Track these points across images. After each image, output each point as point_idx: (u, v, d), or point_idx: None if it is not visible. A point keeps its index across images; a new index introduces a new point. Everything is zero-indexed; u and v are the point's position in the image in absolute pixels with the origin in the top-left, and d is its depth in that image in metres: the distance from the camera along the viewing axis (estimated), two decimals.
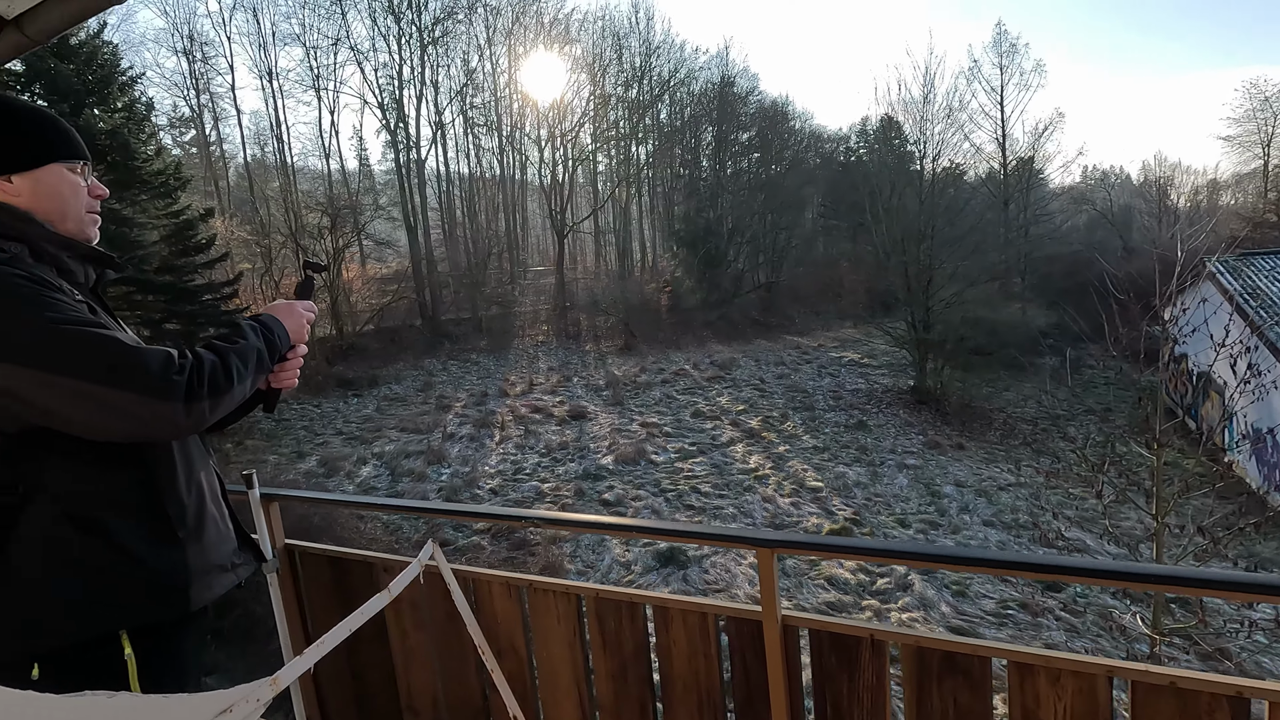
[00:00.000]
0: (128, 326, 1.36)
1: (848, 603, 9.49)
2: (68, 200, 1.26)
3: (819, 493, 13.45)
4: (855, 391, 20.39)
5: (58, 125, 1.29)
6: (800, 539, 1.39)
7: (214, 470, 1.41)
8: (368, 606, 1.34)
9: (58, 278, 1.19)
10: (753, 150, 38.76)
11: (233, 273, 19.56)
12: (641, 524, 1.54)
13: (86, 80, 14.12)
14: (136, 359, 1.07)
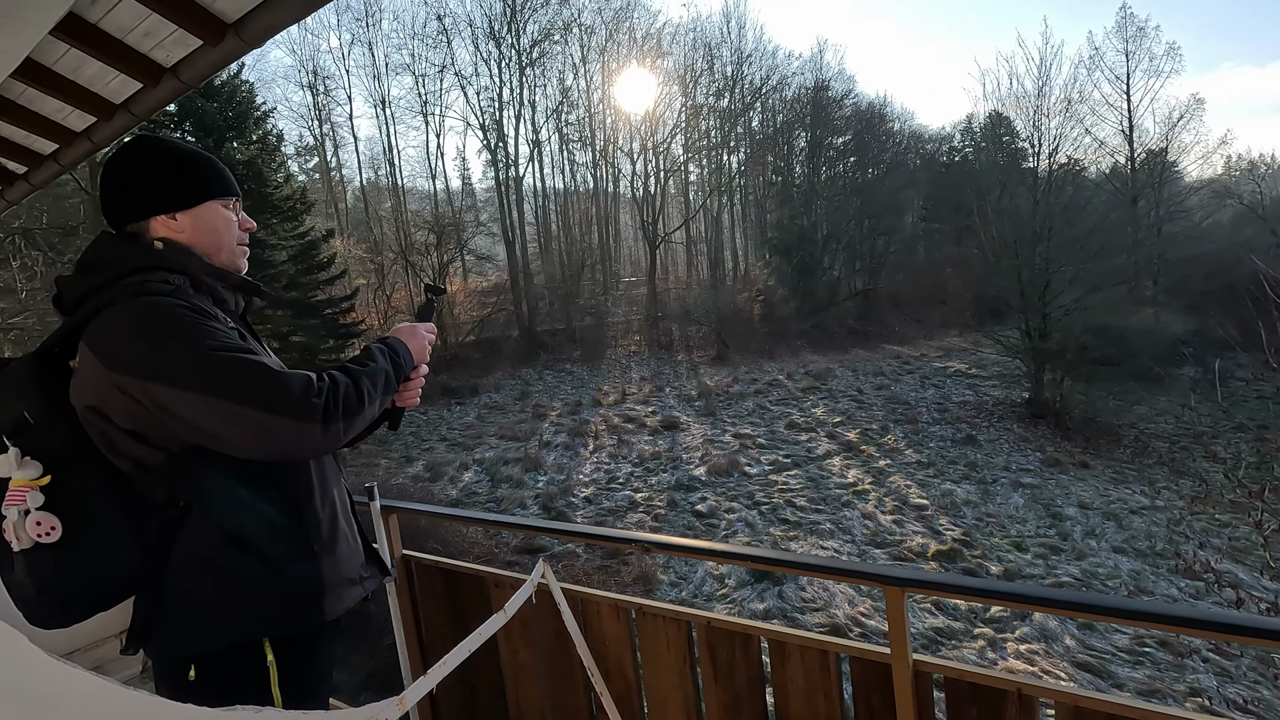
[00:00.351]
0: (264, 342, 1.46)
1: (957, 630, 8.92)
2: (222, 234, 1.35)
3: (924, 511, 12.76)
4: (963, 404, 19.25)
5: (214, 166, 1.38)
6: (935, 578, 1.27)
7: (344, 486, 1.47)
8: (485, 627, 1.35)
9: (213, 306, 1.29)
10: (848, 154, 37.66)
11: (349, 288, 20.97)
12: (762, 554, 1.49)
13: (227, 116, 15.62)
14: (282, 383, 1.13)
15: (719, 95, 37.41)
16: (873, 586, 1.43)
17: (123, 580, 1.21)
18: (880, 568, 1.32)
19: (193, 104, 15.03)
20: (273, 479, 1.27)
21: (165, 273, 1.24)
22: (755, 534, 12.19)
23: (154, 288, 1.20)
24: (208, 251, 1.33)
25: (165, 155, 1.34)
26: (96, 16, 2.39)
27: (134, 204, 1.30)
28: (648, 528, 12.67)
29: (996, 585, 1.17)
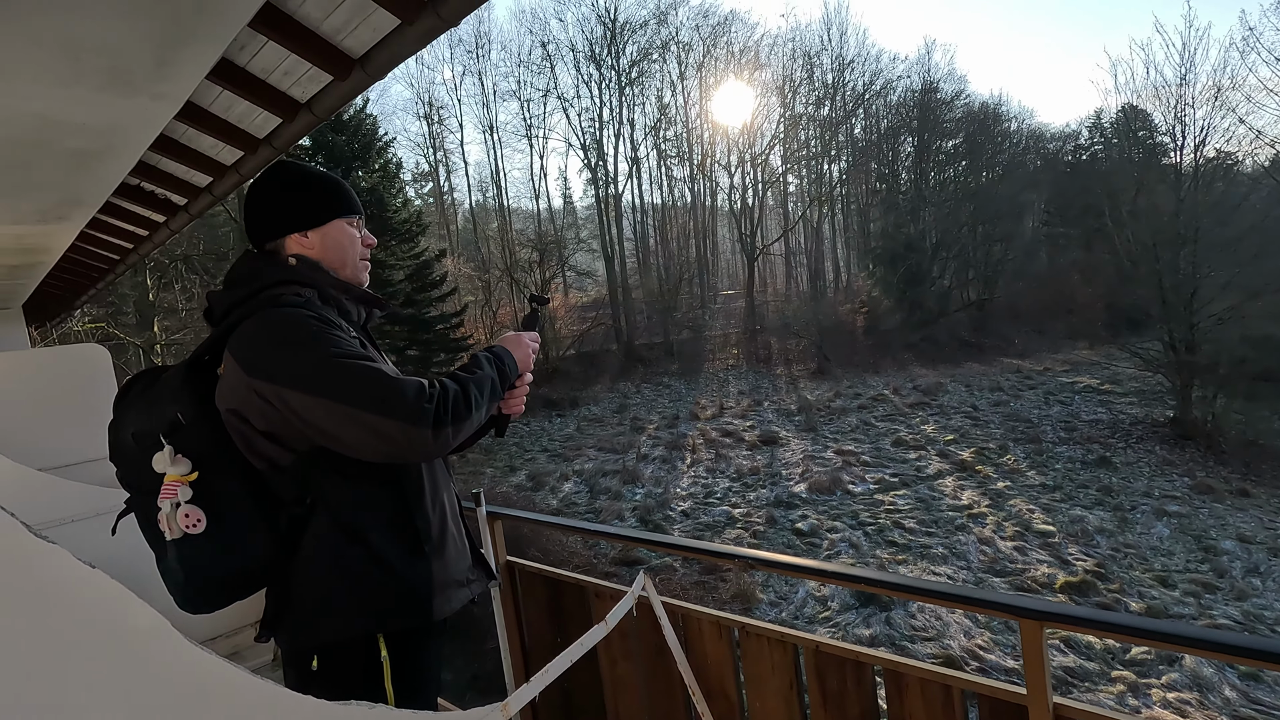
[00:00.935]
0: (383, 353, 1.54)
1: (1091, 670, 8.11)
2: (347, 250, 1.45)
3: (1050, 538, 11.75)
4: (1094, 423, 17.61)
5: (340, 186, 1.48)
6: (1081, 613, 1.11)
7: (454, 491, 1.53)
8: (586, 638, 1.35)
9: (337, 317, 1.36)
10: (959, 158, 35.75)
11: (459, 305, 22.10)
12: (878, 576, 1.38)
13: (354, 148, 16.96)
14: (398, 389, 1.17)
15: (819, 104, 36.66)
16: (1006, 618, 1.29)
17: (258, 571, 1.31)
18: (1016, 598, 1.19)
19: (324, 137, 16.42)
20: (387, 480, 1.32)
21: (297, 286, 1.34)
22: (860, 556, 11.66)
23: (287, 300, 1.29)
24: (334, 266, 1.43)
25: (297, 179, 1.45)
26: (245, 60, 2.64)
27: (271, 224, 1.42)
28: (746, 544, 12.42)
29: (1152, 624, 1.03)
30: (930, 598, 1.32)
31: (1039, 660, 1.14)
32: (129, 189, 3.73)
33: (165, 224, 4.36)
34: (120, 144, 3.00)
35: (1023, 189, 34.65)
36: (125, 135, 2.89)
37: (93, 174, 3.25)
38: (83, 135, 2.78)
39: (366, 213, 1.82)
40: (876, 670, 1.39)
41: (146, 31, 1.98)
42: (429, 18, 2.18)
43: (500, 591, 1.86)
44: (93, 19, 1.86)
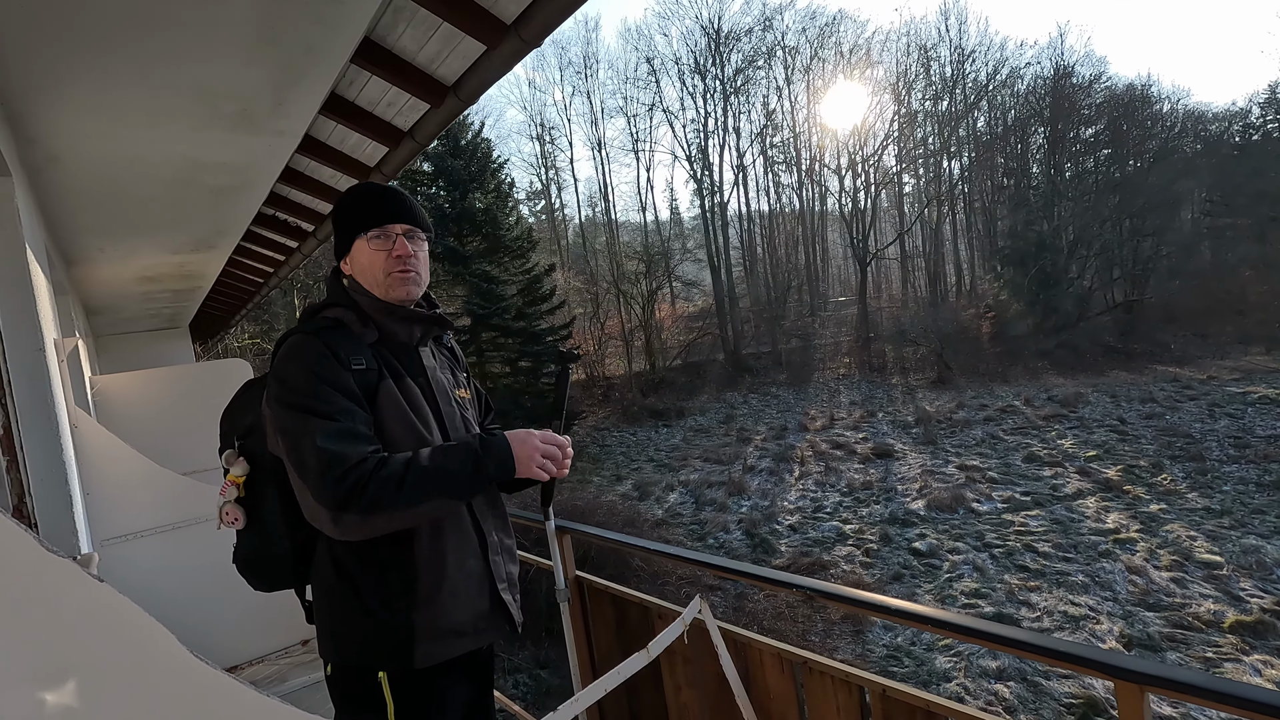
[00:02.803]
0: (494, 366, 1.53)
1: None
2: (369, 271, 1.38)
3: (1216, 569, 10.35)
4: (1273, 439, 15.35)
5: (360, 202, 1.42)
6: (1190, 678, 0.88)
7: (490, 530, 1.41)
8: (626, 665, 1.30)
9: (366, 343, 1.35)
10: (1100, 146, 32.61)
11: (568, 317, 22.79)
12: (949, 619, 1.23)
13: (470, 171, 17.98)
14: (317, 456, 1.16)
15: (936, 99, 34.80)
16: (1099, 678, 1.12)
17: (288, 572, 1.42)
18: (1112, 656, 1.02)
19: (444, 163, 17.54)
20: None
21: (339, 308, 1.39)
22: (986, 580, 10.81)
23: (314, 324, 1.35)
24: (371, 288, 1.39)
25: (335, 207, 1.47)
26: (354, 95, 2.86)
27: (335, 250, 1.48)
28: (858, 562, 11.87)
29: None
30: (1005, 645, 1.16)
31: None
32: (265, 218, 4.14)
33: (298, 249, 4.80)
34: (254, 178, 3.34)
35: (1178, 177, 31.01)
36: (257, 170, 3.21)
37: (233, 206, 3.63)
38: (222, 172, 3.12)
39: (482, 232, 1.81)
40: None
41: (266, 75, 2.19)
42: (512, 41, 2.26)
43: (569, 606, 1.86)
44: (221, 67, 2.08)
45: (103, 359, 6.99)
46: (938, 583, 10.96)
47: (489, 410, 1.71)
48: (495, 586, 1.40)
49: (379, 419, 1.30)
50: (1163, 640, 8.83)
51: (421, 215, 1.49)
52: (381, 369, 1.34)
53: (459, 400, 1.49)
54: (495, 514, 1.46)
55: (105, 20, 1.68)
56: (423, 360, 1.43)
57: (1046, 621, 9.53)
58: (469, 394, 1.55)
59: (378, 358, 1.35)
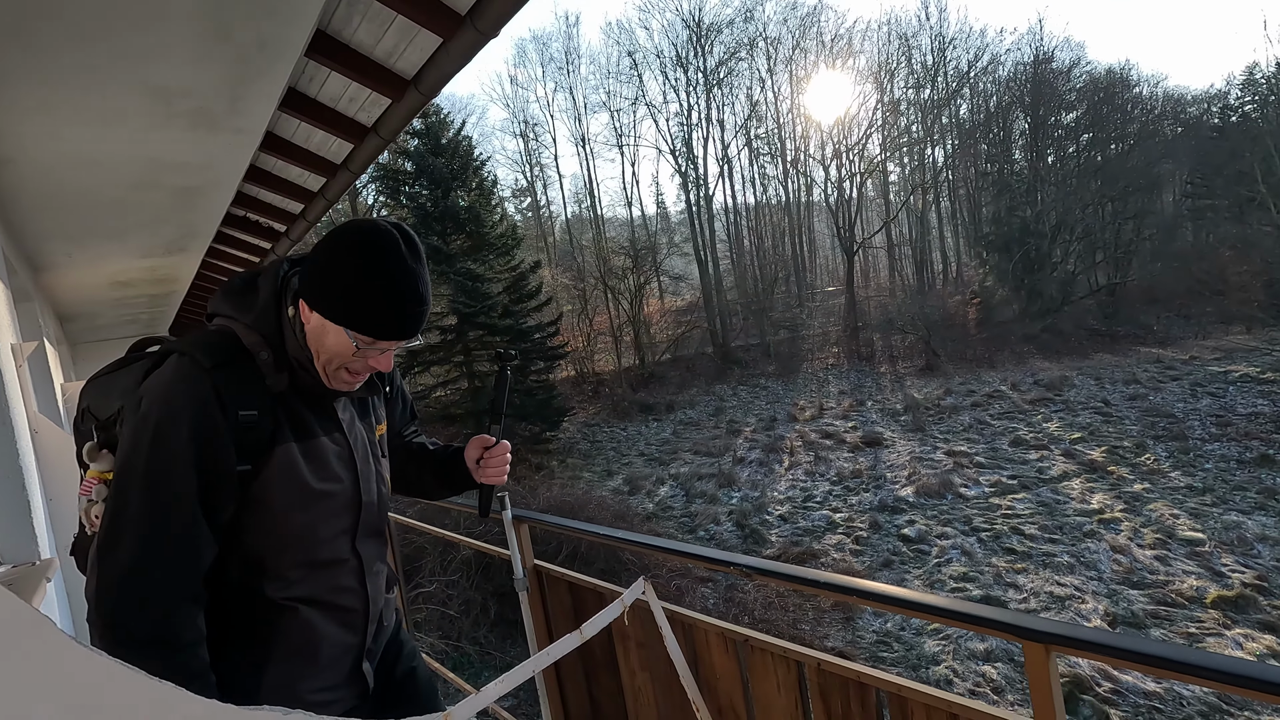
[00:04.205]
0: (482, 364, 1.44)
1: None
2: (327, 349, 1.17)
3: (1199, 546, 10.50)
4: (1254, 416, 15.56)
5: (372, 300, 1.15)
6: (1093, 636, 0.91)
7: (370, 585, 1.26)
8: (556, 647, 1.30)
9: (273, 390, 1.16)
10: (1081, 131, 32.85)
11: (555, 314, 22.75)
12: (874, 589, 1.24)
13: (452, 169, 17.89)
14: (110, 568, 1.01)
15: (918, 87, 34.94)
16: (1007, 639, 1.14)
17: None
18: (1017, 616, 1.04)
19: (425, 162, 17.44)
20: (247, 584, 1.16)
21: (260, 340, 1.18)
22: (974, 564, 10.92)
23: (216, 354, 1.14)
24: (313, 359, 1.19)
25: (335, 249, 1.16)
26: (315, 90, 2.84)
27: (303, 275, 1.20)
28: (848, 550, 11.95)
29: (1179, 653, 0.86)
30: (919, 612, 1.19)
31: (1046, 687, 0.99)
32: (235, 219, 4.10)
33: (272, 249, 4.76)
34: (217, 178, 3.31)
35: (1159, 160, 31.32)
36: (220, 169, 3.19)
37: (200, 207, 3.60)
38: (185, 173, 3.09)
39: (465, 230, 1.64)
40: (881, 694, 1.27)
41: (219, 71, 2.17)
42: (468, 32, 2.25)
43: (529, 595, 1.87)
44: (171, 65, 2.06)
45: (81, 366, 6.93)
46: (926, 568, 11.06)
47: (413, 416, 1.61)
48: (361, 656, 1.28)
49: (263, 482, 1.13)
50: (1147, 617, 8.95)
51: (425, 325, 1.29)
52: (280, 426, 1.16)
53: (378, 447, 1.35)
54: (379, 576, 1.32)
55: (45, 17, 1.66)
56: (337, 413, 1.26)
57: (1033, 602, 9.64)
58: (384, 428, 1.41)
59: (280, 410, 1.17)
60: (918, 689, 1.19)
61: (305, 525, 1.18)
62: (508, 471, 1.45)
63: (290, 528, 1.17)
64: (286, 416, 1.18)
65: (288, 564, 1.17)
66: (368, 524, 1.28)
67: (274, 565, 1.17)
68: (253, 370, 1.16)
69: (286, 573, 1.17)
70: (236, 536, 1.14)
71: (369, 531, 1.29)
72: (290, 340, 1.19)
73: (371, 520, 1.29)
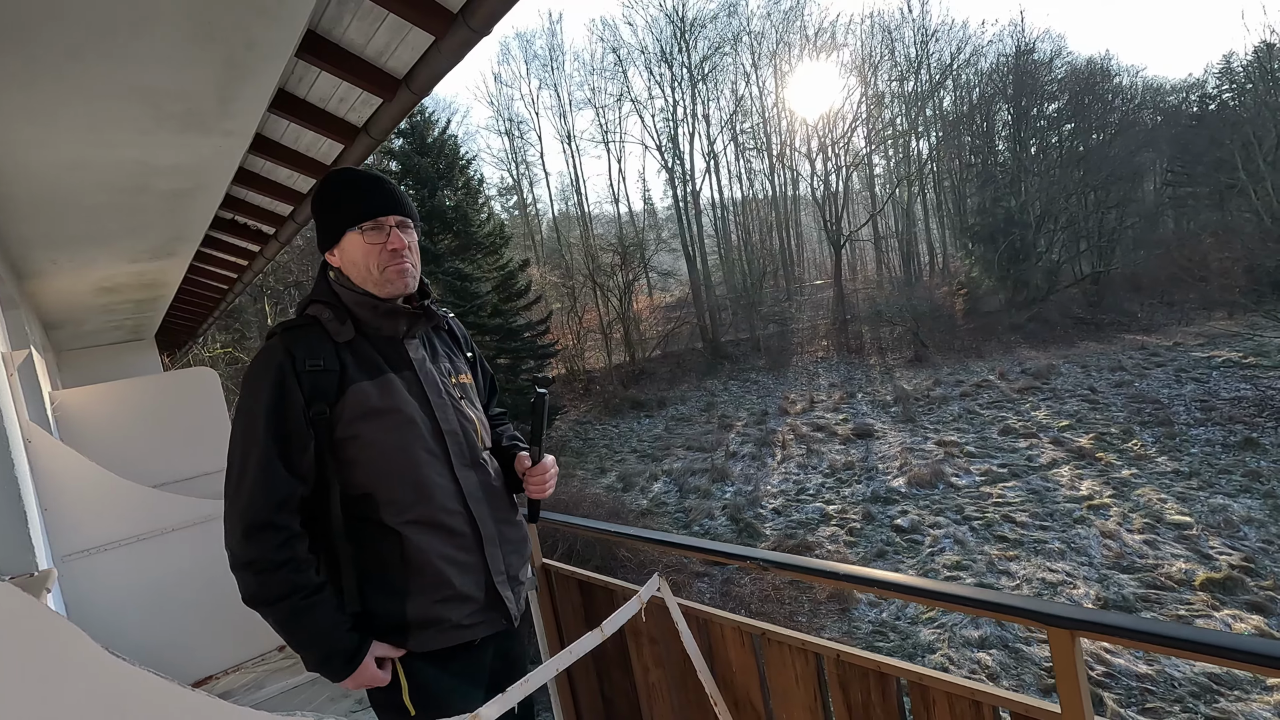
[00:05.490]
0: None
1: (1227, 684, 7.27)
2: (360, 264, 1.38)
3: (1186, 530, 10.65)
4: (1237, 400, 15.78)
5: (350, 193, 1.41)
6: (1115, 621, 0.94)
7: (481, 521, 1.40)
8: (579, 645, 1.32)
9: (341, 340, 1.35)
10: (1063, 121, 33.09)
11: (545, 312, 22.69)
12: (897, 580, 1.26)
13: (438, 168, 17.78)
14: (250, 483, 1.25)
15: (902, 79, 35.05)
16: (1032, 627, 1.16)
17: None
18: (1042, 604, 1.06)
19: (411, 161, 17.32)
20: (367, 516, 1.33)
21: (319, 304, 1.39)
22: (966, 552, 11.01)
23: (288, 322, 1.37)
24: (361, 281, 1.39)
25: (318, 195, 1.46)
26: (304, 91, 2.81)
27: (318, 240, 1.46)
28: (842, 542, 12.02)
29: (1204, 636, 0.88)
30: (948, 602, 1.20)
31: (1072, 673, 1.00)
32: (223, 222, 4.06)
33: (260, 252, 4.72)
34: (207, 181, 3.28)
35: (1140, 149, 31.62)
36: (209, 172, 3.15)
37: (188, 211, 3.56)
38: (175, 176, 3.05)
39: (452, 229, 1.80)
40: (901, 683, 1.28)
41: (208, 73, 2.15)
42: (460, 30, 2.23)
43: (538, 594, 1.87)
44: (160, 67, 2.03)
45: (66, 374, 6.83)
46: (920, 557, 11.15)
47: (494, 390, 1.75)
48: (491, 580, 1.40)
49: (347, 420, 1.30)
50: (1137, 601, 9.07)
51: (411, 204, 1.49)
52: (348, 368, 1.33)
53: (455, 388, 1.48)
54: (493, 505, 1.45)
55: (26, 21, 1.63)
56: (409, 353, 1.43)
57: (1026, 589, 9.74)
58: (470, 379, 1.56)
59: (350, 355, 1.35)
60: (940, 677, 1.20)
61: (398, 449, 1.32)
62: (553, 487, 1.56)
63: (385, 452, 1.31)
64: (357, 361, 1.35)
65: (395, 488, 1.32)
66: (460, 453, 1.41)
67: (385, 492, 1.31)
68: (319, 330, 1.35)
69: (396, 496, 1.32)
70: (348, 473, 1.31)
71: (465, 461, 1.41)
72: (344, 293, 1.39)
73: (462, 451, 1.41)
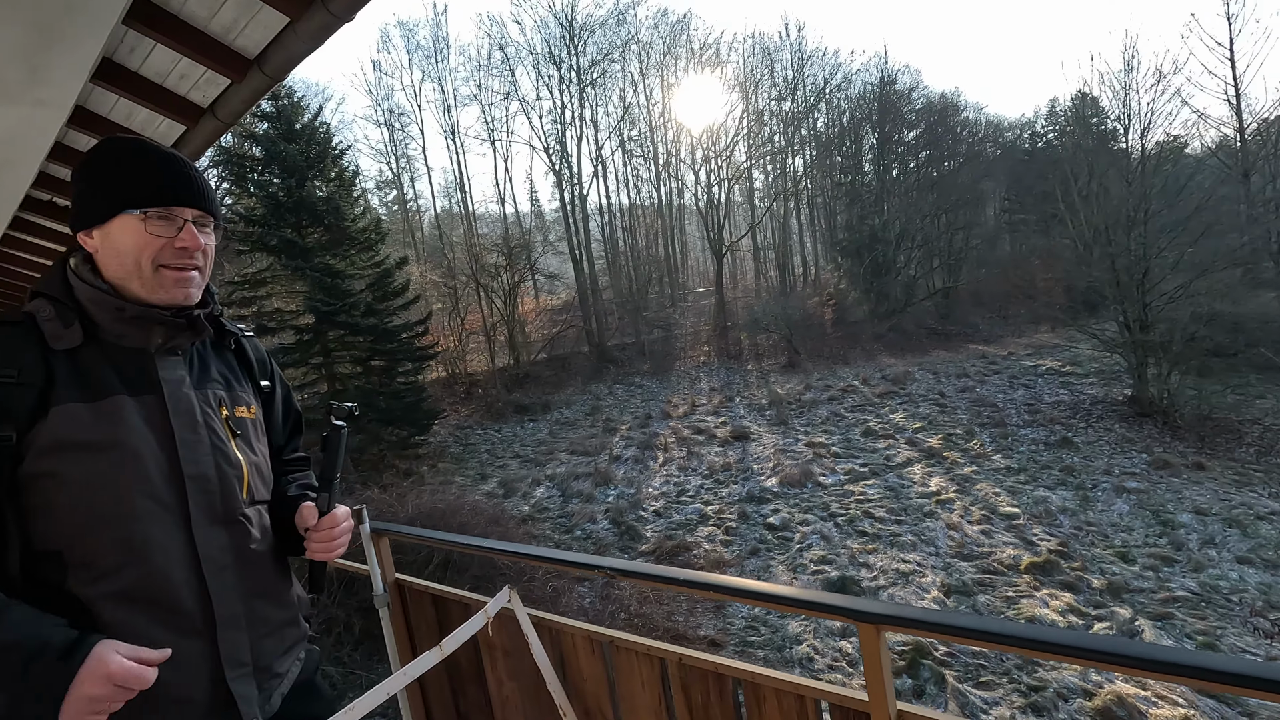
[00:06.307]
0: (344, 366, 1.32)
1: None
2: (126, 256, 1.08)
3: (1015, 520, 11.95)
4: (1056, 404, 17.99)
5: (136, 168, 1.11)
6: (915, 614, 1.06)
7: (216, 596, 1.09)
8: (414, 665, 1.27)
9: (58, 349, 1.05)
10: (920, 148, 36.29)
11: (424, 313, 21.80)
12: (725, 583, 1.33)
13: (309, 156, 16.62)
14: None
15: (780, 99, 36.94)
16: (843, 622, 1.26)
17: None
18: (852, 601, 1.16)
19: (277, 148, 16.07)
20: (48, 581, 1.01)
21: (42, 300, 1.08)
22: (831, 547, 11.74)
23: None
24: (117, 277, 1.09)
25: (91, 160, 1.13)
26: (136, 64, 2.54)
27: (72, 216, 1.13)
28: (718, 541, 12.44)
29: (996, 625, 1.00)
30: (767, 602, 1.29)
31: (878, 664, 1.11)
32: (38, 204, 3.59)
33: None
34: (16, 155, 2.88)
35: (982, 178, 35.31)
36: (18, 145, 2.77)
37: None
38: None
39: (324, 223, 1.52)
40: (737, 682, 1.36)
41: (11, 36, 1.89)
42: (319, 13, 2.11)
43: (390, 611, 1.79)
44: None
45: None
46: (790, 553, 11.75)
47: (297, 430, 1.45)
48: (223, 674, 1.09)
49: (40, 449, 0.98)
50: (975, 586, 10.05)
51: (217, 201, 1.19)
52: (57, 383, 1.02)
53: (227, 422, 1.18)
54: (246, 575, 1.14)
55: None
56: (159, 372, 1.12)
57: (883, 579, 10.52)
58: (254, 412, 1.26)
59: (66, 367, 1.04)
60: (768, 674, 1.27)
61: (108, 495, 1.00)
62: (343, 547, 1.27)
63: (87, 497, 1.00)
64: (73, 375, 1.03)
65: (94, 546, 1.00)
66: (206, 506, 1.10)
67: (80, 551, 0.99)
68: (23, 332, 1.03)
69: (93, 557, 1.00)
70: (34, 523, 0.98)
71: (213, 517, 1.10)
72: (81, 288, 1.08)
73: (211, 503, 1.11)
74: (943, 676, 7.79)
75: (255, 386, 1.30)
